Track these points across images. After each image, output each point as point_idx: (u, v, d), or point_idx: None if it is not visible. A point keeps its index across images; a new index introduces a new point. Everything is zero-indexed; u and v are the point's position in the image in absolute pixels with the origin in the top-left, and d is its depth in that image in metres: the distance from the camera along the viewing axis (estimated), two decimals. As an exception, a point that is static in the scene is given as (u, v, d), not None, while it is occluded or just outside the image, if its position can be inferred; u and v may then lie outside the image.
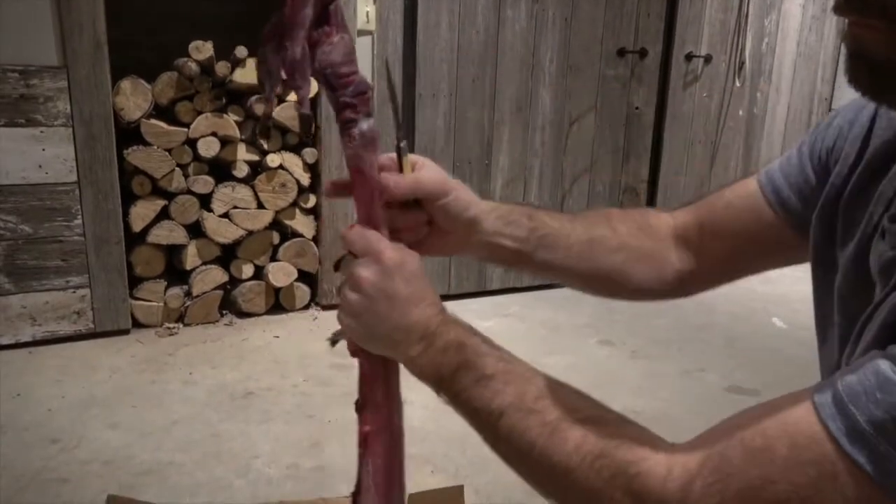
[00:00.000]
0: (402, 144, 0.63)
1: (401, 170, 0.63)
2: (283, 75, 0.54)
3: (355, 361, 0.64)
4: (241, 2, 2.50)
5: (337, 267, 0.63)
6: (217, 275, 2.31)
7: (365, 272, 0.56)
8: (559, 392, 0.52)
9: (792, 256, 0.69)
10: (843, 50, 0.45)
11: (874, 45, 0.41)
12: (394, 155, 0.63)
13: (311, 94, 0.60)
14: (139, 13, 2.34)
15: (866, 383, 0.39)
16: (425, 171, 0.65)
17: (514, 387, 0.53)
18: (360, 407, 0.63)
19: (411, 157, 0.65)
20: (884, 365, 0.39)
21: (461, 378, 0.55)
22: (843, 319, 0.58)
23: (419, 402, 0.60)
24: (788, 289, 3.04)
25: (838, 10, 0.43)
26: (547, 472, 0.49)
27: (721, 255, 0.72)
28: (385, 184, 0.60)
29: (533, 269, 0.73)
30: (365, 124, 0.57)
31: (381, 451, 0.62)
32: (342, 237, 0.59)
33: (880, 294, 0.49)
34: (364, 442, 0.62)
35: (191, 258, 2.27)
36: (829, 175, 0.62)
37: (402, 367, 0.61)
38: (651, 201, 3.07)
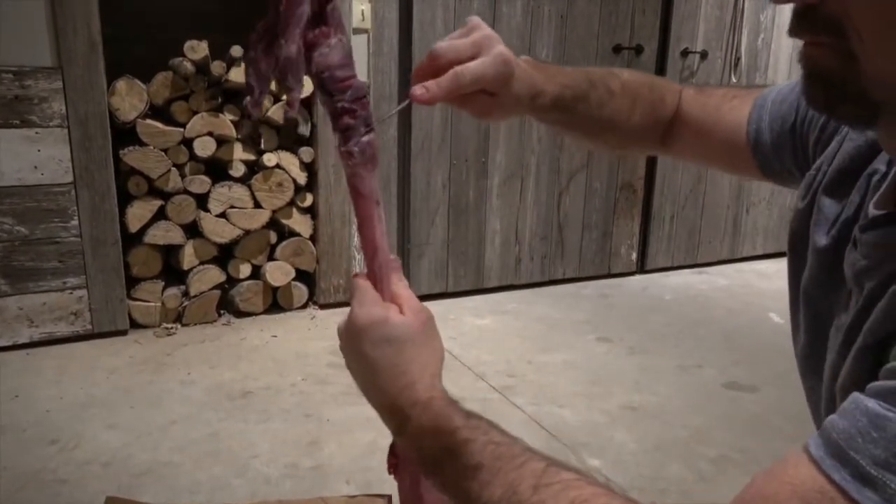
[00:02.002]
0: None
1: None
2: (276, 76, 0.51)
3: None
4: (236, 1, 2.49)
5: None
6: (214, 274, 2.31)
7: (341, 323, 0.56)
8: (560, 478, 0.47)
9: (748, 175, 0.74)
10: (801, 71, 0.45)
11: (826, 61, 0.42)
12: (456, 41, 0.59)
13: (303, 97, 0.57)
14: (133, 13, 2.33)
15: (859, 425, 0.39)
16: (470, 68, 0.59)
17: (505, 476, 0.47)
18: (394, 465, 0.60)
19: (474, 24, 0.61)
20: (871, 403, 0.39)
21: (445, 467, 0.50)
22: (808, 314, 0.59)
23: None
24: (785, 283, 3.05)
25: (792, 31, 0.43)
26: None
27: (692, 150, 0.78)
28: (416, 99, 0.56)
29: (564, 118, 0.72)
30: (365, 137, 0.54)
31: None
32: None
33: (854, 305, 0.50)
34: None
35: (188, 258, 2.27)
36: (807, 150, 0.65)
37: None
38: (648, 198, 3.07)
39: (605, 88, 0.72)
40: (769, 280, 3.10)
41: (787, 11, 2.73)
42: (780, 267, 3.27)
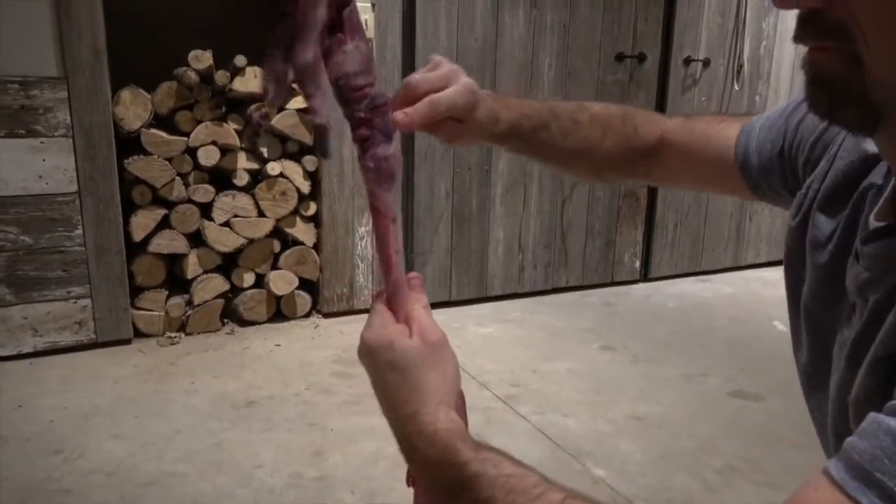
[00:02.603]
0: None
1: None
2: (295, 83, 0.49)
3: (357, 369, 0.61)
4: (240, 11, 2.51)
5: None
6: (218, 283, 2.31)
7: (360, 341, 0.55)
8: None
9: (737, 196, 0.76)
10: (804, 78, 0.45)
11: (830, 66, 0.43)
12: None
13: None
14: (138, 23, 2.35)
15: (883, 445, 0.38)
16: (443, 96, 0.63)
17: None
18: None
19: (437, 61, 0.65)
20: (893, 422, 0.38)
21: (455, 499, 0.49)
22: (809, 330, 0.59)
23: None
24: (790, 291, 3.04)
25: (797, 38, 0.44)
26: None
27: (681, 175, 0.80)
28: (399, 123, 0.56)
29: (524, 146, 0.75)
30: (381, 148, 0.52)
31: None
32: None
33: (859, 318, 0.50)
34: None
35: (192, 267, 2.27)
36: (797, 171, 0.66)
37: None
38: (651, 206, 3.07)
39: (571, 119, 0.75)
40: (773, 287, 3.09)
41: (789, 19, 2.73)
42: (782, 277, 3.26)
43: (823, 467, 0.40)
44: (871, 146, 0.56)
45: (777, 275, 3.28)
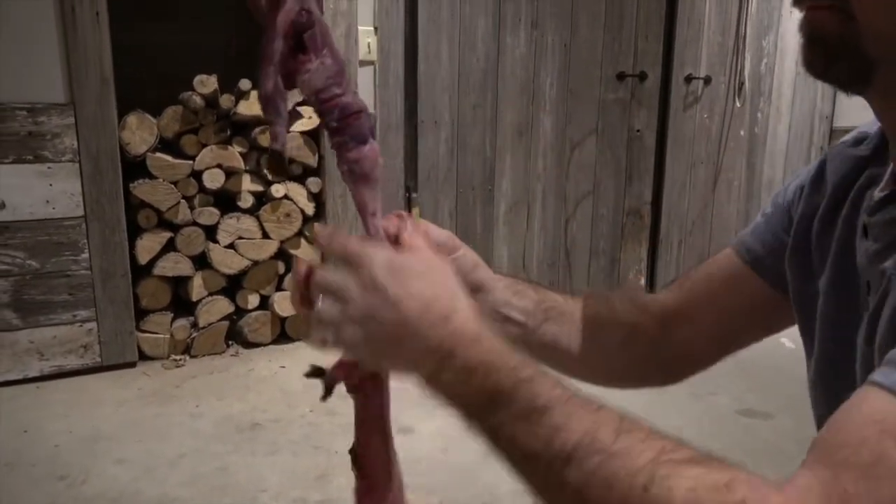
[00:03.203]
0: (412, 195, 0.63)
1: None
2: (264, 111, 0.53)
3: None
4: (244, 35, 2.54)
5: (308, 303, 0.52)
6: (223, 305, 2.31)
7: (350, 286, 0.46)
8: (641, 427, 0.41)
9: (777, 320, 0.68)
10: (800, 39, 0.49)
11: (828, 26, 0.46)
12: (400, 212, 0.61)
13: (309, 129, 0.57)
14: (144, 48, 2.38)
15: None
16: (433, 228, 0.63)
17: (580, 421, 0.41)
18: (359, 456, 0.57)
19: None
20: None
21: (499, 411, 0.42)
22: (832, 341, 0.58)
23: (426, 431, 0.58)
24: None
25: (795, 1, 0.48)
26: None
27: (710, 327, 0.69)
28: (391, 233, 0.54)
29: (538, 344, 0.67)
30: (354, 152, 0.53)
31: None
32: (321, 244, 0.50)
33: (875, 294, 0.49)
34: (369, 494, 0.57)
35: (197, 289, 2.28)
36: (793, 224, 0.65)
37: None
38: (655, 223, 3.07)
39: (563, 294, 0.72)
40: (780, 304, 3.07)
41: (789, 37, 2.74)
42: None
43: (869, 380, 0.38)
44: (860, 151, 0.58)
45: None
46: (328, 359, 0.54)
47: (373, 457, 0.57)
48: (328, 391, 0.56)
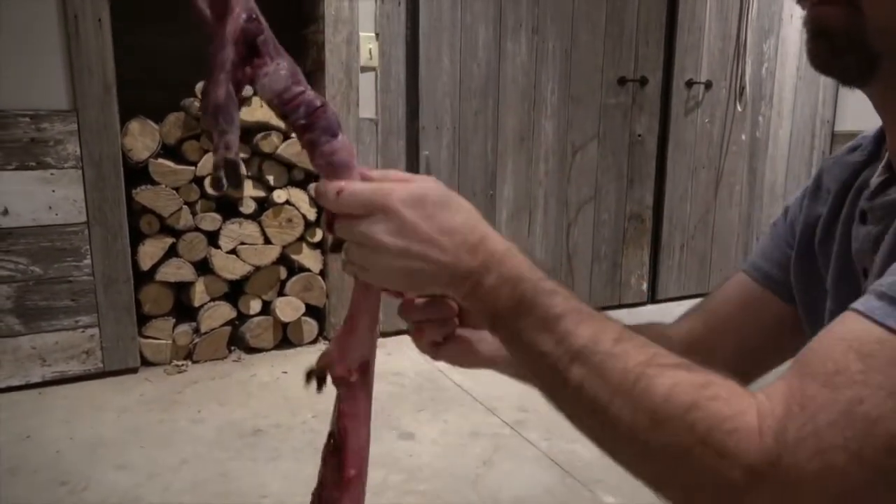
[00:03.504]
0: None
1: None
2: (208, 121, 0.52)
3: None
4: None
5: (330, 226, 0.53)
6: (225, 311, 2.31)
7: (378, 230, 0.48)
8: (636, 337, 0.46)
9: (795, 338, 0.68)
10: (804, 34, 0.50)
11: (834, 20, 0.47)
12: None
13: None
14: (146, 55, 2.39)
15: None
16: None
17: (587, 328, 0.46)
18: (339, 445, 0.57)
19: None
20: None
21: (522, 317, 0.48)
22: None
23: (427, 437, 0.58)
24: (799, 312, 3.01)
25: None
26: (627, 427, 0.43)
27: (730, 352, 0.70)
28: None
29: None
30: (328, 146, 0.52)
31: (360, 497, 0.58)
32: (331, 199, 0.50)
33: (877, 265, 0.50)
34: (346, 486, 0.57)
35: (199, 295, 2.28)
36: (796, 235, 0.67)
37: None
38: (657, 227, 3.07)
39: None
40: (783, 308, 3.07)
41: (790, 42, 2.74)
42: (793, 295, 3.24)
43: (849, 306, 0.41)
44: (856, 157, 0.59)
45: (786, 295, 3.26)
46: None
47: (357, 450, 0.58)
48: (320, 383, 0.57)
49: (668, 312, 3.17)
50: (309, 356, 2.39)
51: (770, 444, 0.39)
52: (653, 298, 3.10)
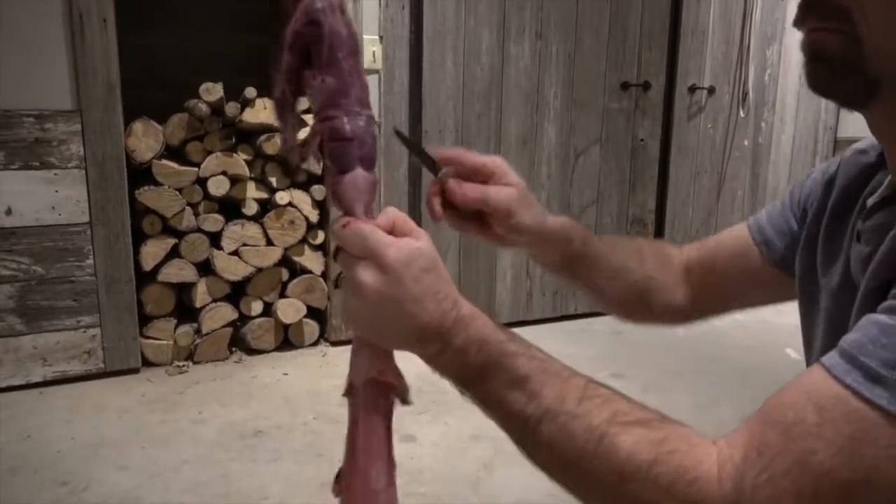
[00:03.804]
0: (443, 173, 0.65)
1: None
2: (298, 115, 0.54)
3: None
4: (250, 44, 2.56)
5: (335, 256, 0.55)
6: (226, 312, 2.32)
7: (367, 278, 0.50)
8: (601, 392, 0.49)
9: (774, 294, 0.77)
10: (803, 57, 0.50)
11: (831, 46, 0.48)
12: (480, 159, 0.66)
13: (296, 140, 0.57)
14: (151, 56, 2.40)
15: (870, 335, 0.41)
16: (493, 192, 0.68)
17: (552, 388, 0.49)
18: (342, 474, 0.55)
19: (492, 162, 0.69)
20: (881, 317, 0.42)
21: (488, 379, 0.50)
22: (830, 340, 0.59)
23: (428, 440, 0.57)
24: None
25: (798, 22, 0.50)
26: (596, 482, 0.47)
27: (714, 289, 0.79)
28: (451, 188, 0.62)
29: (573, 278, 0.78)
30: (332, 179, 0.52)
31: None
32: (336, 235, 0.53)
33: (863, 286, 0.52)
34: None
35: (200, 296, 2.28)
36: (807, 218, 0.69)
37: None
38: (659, 231, 3.07)
39: (609, 239, 0.79)
40: (784, 315, 3.06)
41: (793, 49, 2.74)
42: (795, 302, 3.24)
43: (819, 360, 0.44)
44: (867, 159, 0.60)
45: (788, 303, 3.26)
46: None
47: (353, 468, 0.55)
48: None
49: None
50: (310, 358, 2.40)
51: (729, 491, 0.42)
52: (654, 303, 3.10)
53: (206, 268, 2.28)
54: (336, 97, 0.51)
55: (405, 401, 0.56)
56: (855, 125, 3.29)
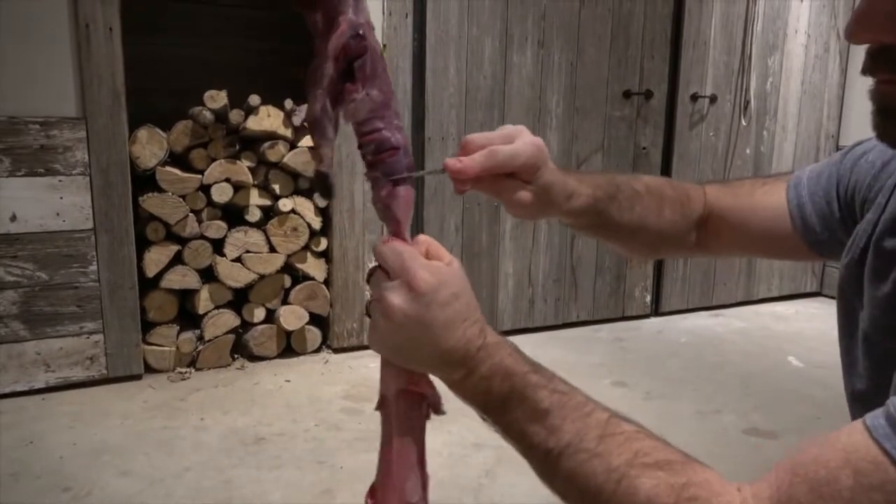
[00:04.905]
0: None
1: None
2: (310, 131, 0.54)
3: (366, 405, 0.60)
4: (254, 52, 2.57)
5: (368, 279, 0.56)
6: (229, 319, 2.32)
7: (397, 299, 0.50)
8: (622, 429, 0.48)
9: (794, 257, 0.74)
10: (872, 107, 0.47)
11: None
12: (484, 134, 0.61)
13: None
14: (155, 63, 2.41)
15: None
16: (503, 146, 0.61)
17: (573, 423, 0.48)
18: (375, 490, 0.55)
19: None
20: None
21: (511, 410, 0.51)
22: (870, 360, 0.58)
23: (430, 447, 0.57)
24: (804, 326, 3.01)
25: (867, 70, 0.46)
26: None
27: (733, 242, 0.77)
28: (450, 168, 0.58)
29: (591, 233, 0.75)
30: (384, 191, 0.53)
31: None
32: (374, 251, 0.54)
33: None
34: None
35: (203, 302, 2.29)
36: (855, 214, 0.65)
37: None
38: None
39: (631, 189, 0.73)
40: (786, 322, 3.06)
41: (794, 57, 2.75)
42: (797, 309, 3.23)
43: (863, 417, 0.42)
44: None
45: (790, 309, 3.26)
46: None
47: (385, 481, 0.55)
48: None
49: (672, 325, 3.18)
50: (312, 365, 2.40)
51: None
52: (656, 311, 3.10)
53: (208, 274, 2.29)
54: (381, 109, 0.52)
55: (438, 410, 0.56)
56: (856, 133, 3.29)
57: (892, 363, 0.54)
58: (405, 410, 0.55)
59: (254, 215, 2.30)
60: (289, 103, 2.28)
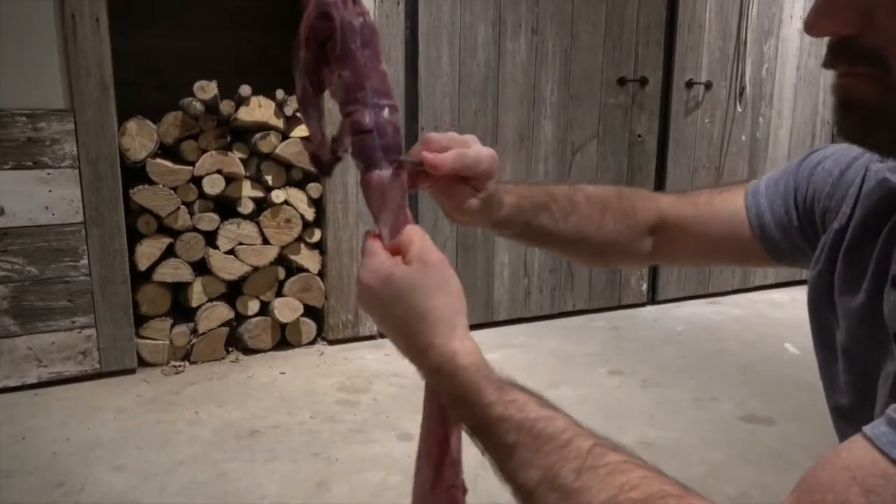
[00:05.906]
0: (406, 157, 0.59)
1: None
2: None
3: (362, 397, 0.60)
4: (244, 42, 2.54)
5: None
6: (223, 311, 2.30)
7: (364, 294, 0.52)
8: (607, 461, 0.43)
9: (754, 264, 0.74)
10: (833, 101, 0.46)
11: (863, 92, 0.43)
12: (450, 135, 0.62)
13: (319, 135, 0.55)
14: (144, 54, 2.38)
15: None
16: (471, 150, 0.62)
17: (546, 457, 0.44)
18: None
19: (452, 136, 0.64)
20: None
21: (482, 439, 0.48)
22: (852, 372, 0.57)
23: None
24: (800, 313, 3.00)
25: (827, 64, 0.45)
26: None
27: (692, 250, 0.76)
28: (427, 161, 0.57)
29: (529, 243, 0.75)
30: (369, 173, 0.53)
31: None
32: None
33: None
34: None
35: (196, 295, 2.27)
36: (815, 223, 0.64)
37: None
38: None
39: (568, 200, 0.73)
40: (783, 309, 3.06)
41: (790, 42, 2.73)
42: (793, 296, 3.23)
43: (862, 429, 0.39)
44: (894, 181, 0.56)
45: (786, 296, 3.26)
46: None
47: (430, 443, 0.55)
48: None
49: (668, 314, 3.17)
50: (307, 357, 2.39)
51: None
52: (653, 299, 3.09)
53: (201, 267, 2.27)
54: (353, 90, 0.51)
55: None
56: (852, 119, 3.28)
57: (875, 373, 0.53)
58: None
59: (246, 207, 2.28)
60: (280, 93, 2.25)
